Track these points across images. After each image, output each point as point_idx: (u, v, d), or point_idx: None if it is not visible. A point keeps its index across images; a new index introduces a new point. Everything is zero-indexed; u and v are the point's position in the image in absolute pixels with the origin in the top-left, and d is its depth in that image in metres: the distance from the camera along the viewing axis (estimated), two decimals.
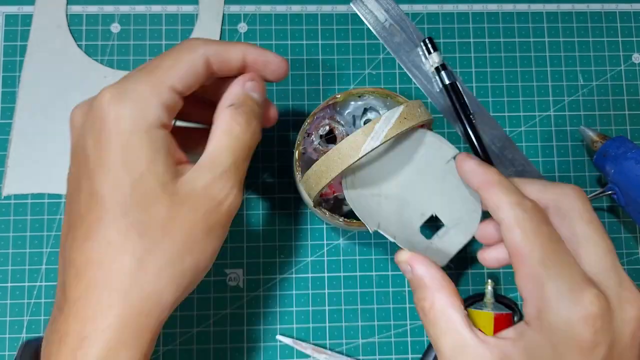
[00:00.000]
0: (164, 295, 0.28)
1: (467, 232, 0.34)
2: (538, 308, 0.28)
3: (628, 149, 0.39)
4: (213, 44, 0.31)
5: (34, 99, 0.43)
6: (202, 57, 0.30)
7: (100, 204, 0.28)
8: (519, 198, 0.30)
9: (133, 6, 0.44)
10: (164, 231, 0.28)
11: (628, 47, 0.45)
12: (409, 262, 0.32)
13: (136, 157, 0.28)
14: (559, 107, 0.44)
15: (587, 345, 0.27)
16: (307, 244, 0.42)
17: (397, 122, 0.32)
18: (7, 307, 0.40)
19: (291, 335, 0.41)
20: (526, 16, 0.45)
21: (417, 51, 0.44)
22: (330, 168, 0.32)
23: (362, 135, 0.32)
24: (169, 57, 0.30)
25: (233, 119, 0.30)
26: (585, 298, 0.27)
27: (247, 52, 0.32)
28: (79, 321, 0.28)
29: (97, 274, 0.28)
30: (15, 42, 0.43)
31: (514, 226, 0.29)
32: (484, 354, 0.29)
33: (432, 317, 0.30)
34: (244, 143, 0.30)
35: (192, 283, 0.30)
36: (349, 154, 0.32)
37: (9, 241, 0.41)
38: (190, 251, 0.29)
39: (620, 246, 0.43)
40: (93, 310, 0.28)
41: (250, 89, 0.32)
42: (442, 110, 0.44)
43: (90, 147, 0.29)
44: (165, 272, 0.28)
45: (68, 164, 0.30)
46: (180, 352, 0.40)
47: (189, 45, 0.31)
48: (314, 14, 0.45)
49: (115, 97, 0.28)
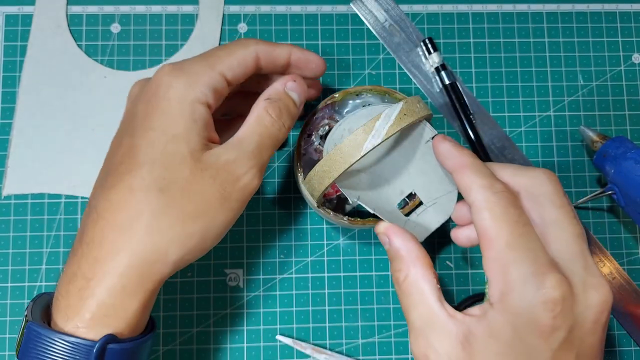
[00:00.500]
0: (170, 250, 0.30)
1: (445, 211, 0.36)
2: (501, 291, 0.29)
3: (628, 149, 0.39)
4: (263, 43, 0.34)
5: (34, 99, 0.43)
6: (252, 53, 0.34)
7: (133, 157, 0.31)
8: (490, 181, 0.30)
9: (133, 6, 0.44)
10: (182, 191, 0.30)
11: (628, 48, 0.45)
12: (387, 234, 0.33)
13: (175, 122, 0.31)
14: (558, 107, 0.44)
15: (546, 329, 0.28)
16: (307, 244, 0.42)
17: (397, 119, 0.32)
18: (7, 307, 0.40)
19: (291, 335, 0.41)
20: (526, 16, 0.46)
21: (417, 51, 0.44)
22: (332, 168, 0.32)
23: (363, 134, 0.32)
24: (224, 49, 0.34)
25: (265, 110, 0.33)
26: (547, 283, 0.28)
27: (292, 52, 0.35)
28: (88, 262, 0.30)
29: (114, 217, 0.30)
30: (16, 42, 0.43)
31: (483, 209, 0.30)
32: (450, 329, 0.29)
33: (405, 289, 0.31)
34: (271, 132, 0.33)
35: (196, 247, 0.31)
36: (351, 153, 0.32)
37: (9, 241, 0.41)
38: (202, 215, 0.31)
39: (620, 246, 0.43)
40: (104, 252, 0.30)
41: (290, 88, 0.35)
42: (441, 110, 0.44)
43: (140, 110, 0.32)
44: (175, 229, 0.30)
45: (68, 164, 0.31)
46: (180, 352, 0.40)
47: (243, 42, 0.34)
48: (313, 14, 0.45)
49: (172, 70, 0.32)
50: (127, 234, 0.30)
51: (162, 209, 0.30)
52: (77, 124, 0.42)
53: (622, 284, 0.42)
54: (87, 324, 0.29)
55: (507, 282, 0.28)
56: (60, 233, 0.41)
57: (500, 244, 0.29)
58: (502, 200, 0.30)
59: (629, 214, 0.40)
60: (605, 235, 0.43)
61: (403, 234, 0.33)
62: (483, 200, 0.30)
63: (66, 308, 0.30)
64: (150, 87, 0.32)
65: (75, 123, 0.42)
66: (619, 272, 0.42)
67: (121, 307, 0.30)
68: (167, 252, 0.30)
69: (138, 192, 0.30)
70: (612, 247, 0.43)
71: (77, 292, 0.30)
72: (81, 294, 0.30)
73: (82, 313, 0.29)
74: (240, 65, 0.33)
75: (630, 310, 0.42)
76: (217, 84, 0.32)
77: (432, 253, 0.42)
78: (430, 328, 0.30)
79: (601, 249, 0.43)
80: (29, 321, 0.30)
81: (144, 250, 0.30)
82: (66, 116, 0.43)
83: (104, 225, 0.30)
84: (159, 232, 0.30)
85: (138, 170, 0.31)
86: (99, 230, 0.30)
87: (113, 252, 0.30)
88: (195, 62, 0.33)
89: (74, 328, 0.29)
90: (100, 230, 0.30)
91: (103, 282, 0.30)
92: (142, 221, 0.30)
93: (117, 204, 0.30)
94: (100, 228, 0.30)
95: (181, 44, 0.44)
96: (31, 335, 0.29)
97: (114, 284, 0.30)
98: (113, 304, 0.30)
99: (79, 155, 0.42)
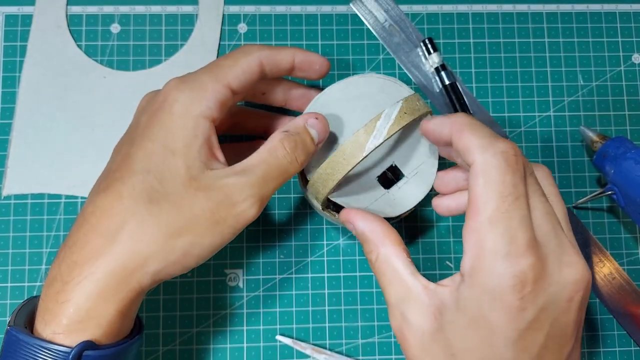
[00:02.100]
0: (150, 261, 0.30)
1: (426, 182, 0.36)
2: (472, 265, 0.28)
3: (628, 149, 0.39)
4: (266, 48, 0.34)
5: (34, 100, 0.43)
6: (256, 59, 0.34)
7: (128, 165, 0.31)
8: (490, 140, 0.29)
9: (133, 6, 0.44)
10: (172, 205, 0.30)
11: (628, 48, 0.45)
12: (349, 219, 0.33)
13: (176, 137, 0.31)
14: (558, 108, 0.44)
15: (513, 309, 0.27)
16: (306, 244, 0.42)
17: (397, 117, 0.32)
18: (7, 307, 0.40)
19: (291, 336, 0.41)
20: (526, 16, 0.46)
21: (417, 51, 0.44)
22: (335, 170, 0.33)
23: (365, 135, 0.32)
24: (228, 58, 0.34)
25: (280, 141, 0.32)
26: (518, 266, 0.27)
27: (295, 55, 0.35)
28: (68, 266, 0.30)
29: (99, 222, 0.30)
30: (15, 42, 0.43)
31: (479, 173, 0.28)
32: (424, 300, 0.30)
33: (379, 268, 0.32)
34: (281, 164, 0.32)
35: (178, 263, 0.31)
36: (354, 155, 0.32)
37: (8, 241, 0.41)
38: (188, 232, 0.30)
39: (620, 246, 0.43)
40: (84, 256, 0.30)
41: (311, 124, 0.33)
42: (441, 110, 0.44)
43: (143, 121, 0.32)
44: (158, 241, 0.30)
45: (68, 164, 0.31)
46: (180, 352, 0.40)
47: (246, 49, 0.34)
48: (313, 15, 0.45)
49: (178, 84, 0.32)
50: (110, 240, 0.30)
51: (148, 219, 0.30)
52: (77, 124, 0.42)
53: (622, 284, 0.42)
54: (64, 329, 0.29)
55: (479, 257, 0.28)
56: (60, 233, 0.41)
57: (483, 217, 0.28)
58: (501, 162, 0.28)
59: (629, 214, 0.40)
60: (605, 235, 0.43)
61: (365, 215, 0.32)
62: (481, 163, 0.28)
63: (44, 312, 0.30)
64: (157, 100, 0.33)
65: (75, 123, 0.42)
66: (619, 272, 0.42)
67: (97, 312, 0.29)
68: (146, 263, 0.30)
69: (126, 200, 0.30)
70: (612, 247, 0.43)
71: (55, 296, 0.29)
72: (58, 298, 0.29)
73: (59, 318, 0.29)
74: (245, 73, 0.33)
75: (630, 310, 0.42)
76: (222, 96, 0.32)
77: (432, 253, 0.42)
78: (405, 302, 0.30)
79: (601, 249, 0.43)
80: (9, 327, 0.29)
81: (123, 257, 0.29)
82: (66, 116, 0.43)
83: (88, 229, 0.30)
84: (141, 241, 0.30)
85: (130, 178, 0.30)
86: (82, 234, 0.30)
87: (93, 257, 0.29)
88: (201, 75, 0.33)
89: (52, 334, 0.29)
90: (84, 234, 0.30)
91: (80, 287, 0.29)
92: (126, 229, 0.30)
93: (103, 209, 0.30)
94: (84, 232, 0.30)
95: (181, 44, 0.44)
96: (10, 340, 0.29)
97: (91, 289, 0.29)
98: (88, 309, 0.29)
99: (79, 155, 0.42)
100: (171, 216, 0.30)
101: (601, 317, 0.42)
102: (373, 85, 0.36)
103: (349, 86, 0.36)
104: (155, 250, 0.30)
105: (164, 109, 0.32)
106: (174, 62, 0.44)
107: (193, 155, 0.31)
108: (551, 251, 0.28)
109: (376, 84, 0.36)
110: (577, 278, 0.29)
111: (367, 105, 0.35)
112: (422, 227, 0.42)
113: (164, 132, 0.31)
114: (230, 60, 0.34)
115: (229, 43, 0.44)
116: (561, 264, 0.28)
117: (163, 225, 0.30)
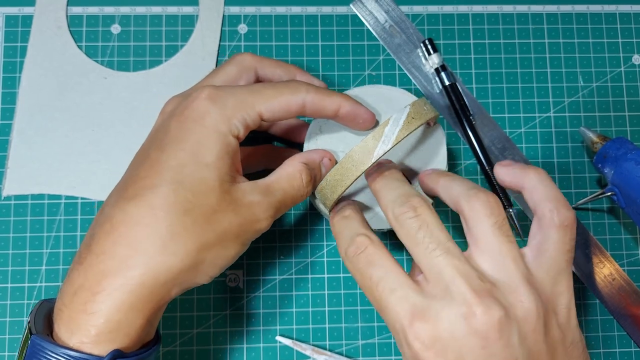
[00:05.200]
0: (182, 274, 0.30)
1: None
2: None
3: (628, 150, 0.39)
4: (314, 91, 0.33)
5: (34, 100, 0.43)
6: (300, 101, 0.33)
7: (160, 173, 0.30)
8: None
9: (133, 7, 0.44)
10: (203, 218, 0.30)
11: (628, 49, 0.45)
12: None
13: (209, 150, 0.31)
14: (559, 109, 0.44)
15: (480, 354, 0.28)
16: (307, 244, 0.42)
17: (405, 123, 0.32)
18: (7, 307, 0.40)
19: (291, 336, 0.41)
20: (526, 17, 0.46)
21: (417, 52, 0.44)
22: (344, 176, 0.33)
23: (373, 141, 0.32)
24: (272, 88, 0.33)
25: (300, 172, 0.34)
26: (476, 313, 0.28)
27: (342, 105, 0.34)
28: (96, 275, 0.29)
29: (130, 232, 0.29)
30: (16, 43, 0.43)
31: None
32: None
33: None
34: (295, 194, 0.34)
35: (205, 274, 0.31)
36: (362, 161, 0.32)
37: (9, 242, 0.41)
38: (217, 244, 0.31)
39: (621, 247, 0.43)
40: (114, 266, 0.29)
41: (325, 164, 0.36)
42: (442, 111, 0.44)
43: (173, 127, 0.32)
44: (190, 254, 0.30)
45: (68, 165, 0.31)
46: (180, 353, 0.40)
47: (294, 86, 0.33)
48: (314, 15, 0.45)
49: (212, 96, 0.32)
50: (141, 252, 0.29)
51: (180, 232, 0.30)
52: (77, 125, 0.42)
53: (622, 285, 0.42)
54: (93, 339, 0.29)
55: None
56: (60, 234, 0.41)
57: None
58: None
59: (629, 215, 0.40)
60: (605, 236, 0.43)
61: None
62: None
63: (69, 320, 0.29)
64: (187, 107, 0.32)
65: (75, 124, 0.42)
66: (619, 273, 0.42)
67: (127, 323, 0.29)
68: (179, 275, 0.30)
69: (159, 211, 0.29)
70: (612, 248, 0.43)
71: (82, 305, 0.29)
72: (86, 308, 0.29)
73: (87, 328, 0.29)
74: (282, 110, 0.33)
75: (630, 311, 0.42)
76: (251, 121, 0.32)
77: None
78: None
79: (601, 250, 0.43)
80: (33, 334, 0.29)
81: (155, 270, 0.29)
82: (66, 117, 0.43)
83: (117, 238, 0.30)
84: (174, 254, 0.29)
85: (162, 187, 0.30)
86: (111, 242, 0.30)
87: (124, 268, 0.29)
88: (237, 94, 0.32)
89: (79, 343, 0.29)
90: (113, 243, 0.30)
91: (111, 298, 0.29)
92: (158, 241, 0.29)
93: (134, 218, 0.30)
94: (112, 240, 0.30)
95: (181, 44, 0.44)
96: (35, 349, 0.29)
97: (122, 301, 0.29)
98: (119, 320, 0.29)
99: (79, 156, 0.42)
100: (203, 229, 0.30)
101: (601, 318, 0.42)
102: (379, 94, 0.37)
103: (356, 96, 0.36)
104: (187, 264, 0.30)
105: (195, 120, 0.31)
106: (175, 63, 0.44)
107: (225, 170, 0.31)
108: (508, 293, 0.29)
109: (382, 93, 0.37)
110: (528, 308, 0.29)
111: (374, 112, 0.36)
112: None
113: (197, 144, 0.31)
114: (273, 91, 0.33)
115: (229, 44, 0.44)
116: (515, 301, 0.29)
117: (196, 238, 0.30)
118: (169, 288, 0.30)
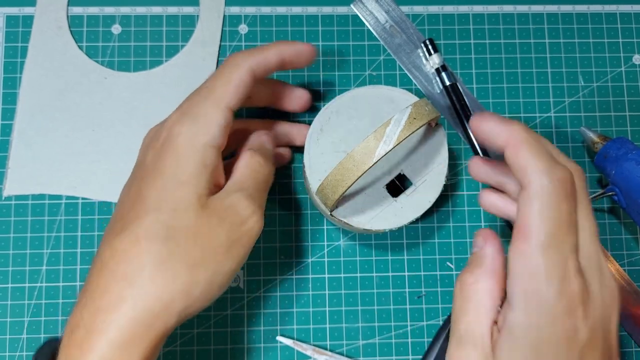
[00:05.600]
0: (175, 300, 0.30)
1: (435, 189, 0.36)
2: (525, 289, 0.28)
3: (629, 150, 0.39)
4: (253, 55, 0.34)
5: (34, 101, 0.43)
6: (247, 70, 0.33)
7: (141, 204, 0.31)
8: (549, 165, 0.28)
9: (134, 7, 0.44)
10: (187, 238, 0.30)
11: (629, 49, 0.45)
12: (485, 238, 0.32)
13: (184, 168, 0.31)
14: (559, 109, 0.44)
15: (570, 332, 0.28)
16: (307, 245, 0.42)
17: (407, 123, 0.32)
18: (8, 307, 0.40)
19: (291, 337, 0.41)
20: (527, 17, 0.46)
21: (418, 52, 0.44)
22: (345, 176, 0.33)
23: (374, 141, 0.32)
24: (220, 78, 0.33)
25: (252, 158, 0.34)
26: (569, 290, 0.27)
27: (281, 52, 0.35)
28: (90, 313, 0.29)
29: (119, 267, 0.30)
30: (16, 43, 0.43)
31: (535, 197, 0.27)
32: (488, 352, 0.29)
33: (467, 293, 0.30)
34: (262, 176, 0.34)
35: (202, 295, 0.31)
36: (364, 161, 0.32)
37: (9, 242, 0.41)
38: (208, 261, 0.31)
39: (621, 247, 0.43)
40: (106, 302, 0.29)
41: (265, 141, 0.37)
42: (442, 111, 0.44)
43: (150, 158, 0.32)
44: (181, 277, 0.30)
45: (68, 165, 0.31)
46: (180, 353, 0.40)
47: (234, 61, 0.34)
48: (314, 15, 0.45)
49: (179, 117, 0.32)
50: (131, 285, 0.29)
51: (166, 258, 0.30)
52: (78, 125, 0.42)
53: (622, 285, 0.42)
54: None
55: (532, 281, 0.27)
56: (61, 234, 0.41)
57: (535, 241, 0.27)
58: (559, 190, 0.27)
59: (630, 215, 0.40)
60: (606, 236, 0.43)
61: (499, 244, 0.31)
62: (538, 187, 0.27)
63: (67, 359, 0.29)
64: (161, 135, 0.33)
65: (76, 124, 0.42)
66: (620, 273, 0.42)
67: None
68: (172, 302, 0.30)
69: (143, 241, 0.30)
70: (612, 248, 0.43)
71: (79, 344, 0.29)
72: (82, 346, 0.29)
73: None
74: (239, 88, 0.33)
75: (630, 311, 0.42)
76: (224, 120, 0.32)
77: (432, 254, 0.42)
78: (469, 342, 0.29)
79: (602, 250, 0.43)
80: None
81: (147, 301, 0.29)
82: (66, 117, 0.43)
83: (107, 274, 0.30)
84: (163, 282, 0.29)
85: (144, 218, 0.30)
86: (102, 279, 0.30)
87: (116, 303, 0.29)
88: (199, 104, 0.33)
89: None
90: (104, 280, 0.30)
91: (104, 335, 0.28)
92: (146, 271, 0.29)
93: (121, 253, 0.30)
94: (103, 277, 0.30)
95: (182, 45, 0.44)
96: None
97: (115, 337, 0.28)
98: (113, 358, 0.28)
99: (80, 156, 0.42)
100: (189, 248, 0.30)
101: None
102: (380, 94, 0.37)
103: (357, 95, 0.37)
104: (179, 288, 0.30)
105: (170, 143, 0.32)
106: (175, 63, 0.44)
107: (202, 184, 0.31)
108: (594, 273, 0.29)
109: (383, 93, 0.37)
110: (615, 298, 0.29)
111: (375, 113, 0.36)
112: (423, 228, 0.42)
113: (173, 165, 0.31)
114: (222, 79, 0.33)
115: (229, 44, 0.44)
116: (601, 286, 0.29)
117: (183, 259, 0.30)
118: (164, 320, 0.30)
